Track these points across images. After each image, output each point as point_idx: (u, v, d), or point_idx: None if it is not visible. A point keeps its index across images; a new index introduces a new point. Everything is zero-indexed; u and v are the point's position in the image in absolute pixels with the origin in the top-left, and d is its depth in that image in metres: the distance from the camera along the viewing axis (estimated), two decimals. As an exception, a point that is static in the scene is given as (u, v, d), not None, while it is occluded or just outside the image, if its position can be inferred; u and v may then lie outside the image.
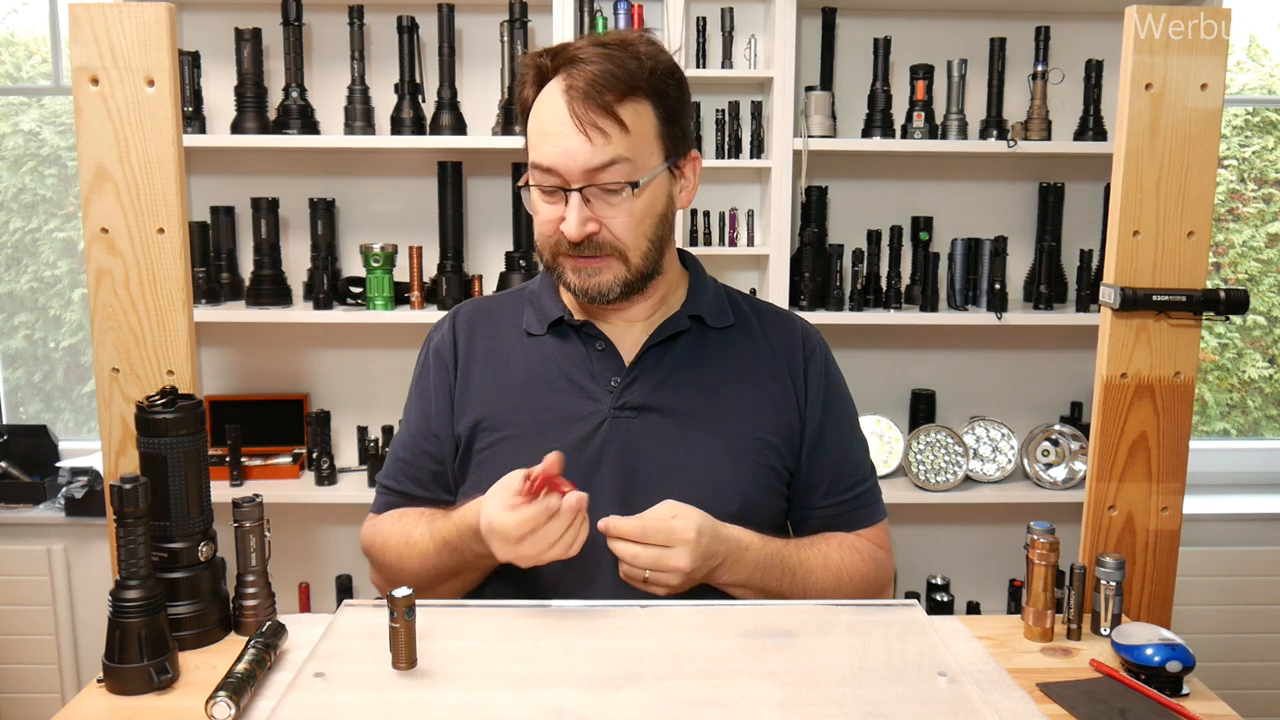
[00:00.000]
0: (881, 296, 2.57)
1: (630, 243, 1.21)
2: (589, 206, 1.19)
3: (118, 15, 1.34)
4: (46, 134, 2.84)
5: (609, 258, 1.22)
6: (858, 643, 1.11)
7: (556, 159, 1.18)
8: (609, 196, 1.19)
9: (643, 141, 1.20)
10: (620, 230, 1.21)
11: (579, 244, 1.20)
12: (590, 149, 1.17)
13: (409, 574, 1.26)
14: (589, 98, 1.16)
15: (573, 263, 1.23)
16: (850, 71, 2.62)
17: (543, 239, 1.25)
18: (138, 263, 1.38)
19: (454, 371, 1.34)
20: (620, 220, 1.20)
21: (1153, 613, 1.38)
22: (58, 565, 2.60)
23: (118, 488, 1.04)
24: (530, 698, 0.98)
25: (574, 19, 2.39)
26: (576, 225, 1.18)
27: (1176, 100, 1.29)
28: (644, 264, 1.24)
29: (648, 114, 1.21)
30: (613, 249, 1.21)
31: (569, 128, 1.17)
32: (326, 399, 2.72)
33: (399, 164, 2.63)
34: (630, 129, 1.18)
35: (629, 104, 1.18)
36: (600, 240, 1.20)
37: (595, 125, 1.16)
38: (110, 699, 1.04)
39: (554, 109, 1.18)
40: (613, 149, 1.17)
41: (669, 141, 1.23)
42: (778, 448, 1.30)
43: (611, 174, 1.18)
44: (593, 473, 1.24)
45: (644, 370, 1.29)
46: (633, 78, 1.18)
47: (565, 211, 1.19)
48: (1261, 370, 3.01)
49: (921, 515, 2.79)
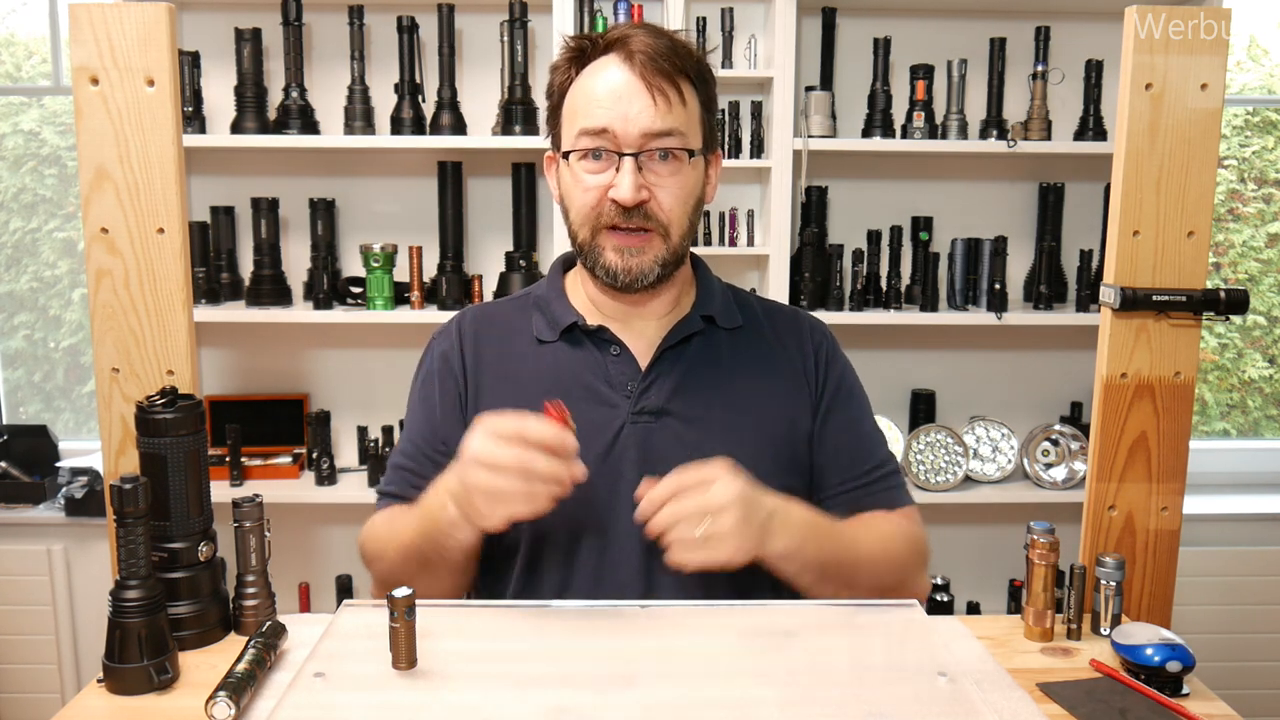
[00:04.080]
0: (881, 296, 2.57)
1: (676, 218, 1.20)
2: (640, 174, 1.18)
3: (118, 15, 1.34)
4: (46, 134, 2.84)
5: (652, 233, 1.20)
6: (858, 643, 1.11)
7: (613, 121, 1.16)
8: (662, 165, 1.18)
9: (693, 121, 1.21)
10: (669, 202, 1.19)
11: (628, 211, 1.18)
12: (654, 112, 1.16)
13: (390, 561, 1.22)
14: (655, 65, 1.16)
15: (615, 240, 1.20)
16: (850, 71, 2.62)
17: (583, 212, 1.21)
18: (138, 263, 1.38)
19: (463, 380, 1.31)
20: (671, 192, 1.19)
21: (1153, 613, 1.38)
22: (58, 565, 2.60)
23: (118, 488, 1.04)
24: (530, 698, 0.98)
25: (574, 19, 2.39)
26: (631, 189, 1.16)
27: (1176, 100, 1.29)
28: (680, 245, 1.23)
29: (695, 97, 1.22)
30: (657, 222, 1.20)
31: (633, 89, 1.16)
32: (326, 399, 2.72)
33: (399, 164, 2.63)
34: (686, 105, 1.19)
35: (685, 81, 1.20)
36: (649, 210, 1.19)
37: (662, 90, 1.16)
38: (110, 699, 1.04)
39: (610, 76, 1.18)
40: (673, 118, 1.17)
41: (707, 131, 1.24)
42: (794, 445, 1.30)
43: (668, 142, 1.18)
44: (616, 479, 1.22)
45: (660, 374, 1.28)
46: (686, 59, 1.19)
47: (616, 178, 1.17)
48: (1261, 370, 3.01)
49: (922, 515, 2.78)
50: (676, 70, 1.18)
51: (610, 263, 1.21)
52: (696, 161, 1.22)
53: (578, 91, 1.21)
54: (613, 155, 1.18)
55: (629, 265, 1.21)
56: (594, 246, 1.22)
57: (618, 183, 1.17)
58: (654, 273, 1.22)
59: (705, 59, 1.24)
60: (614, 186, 1.17)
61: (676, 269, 1.26)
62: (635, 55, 1.17)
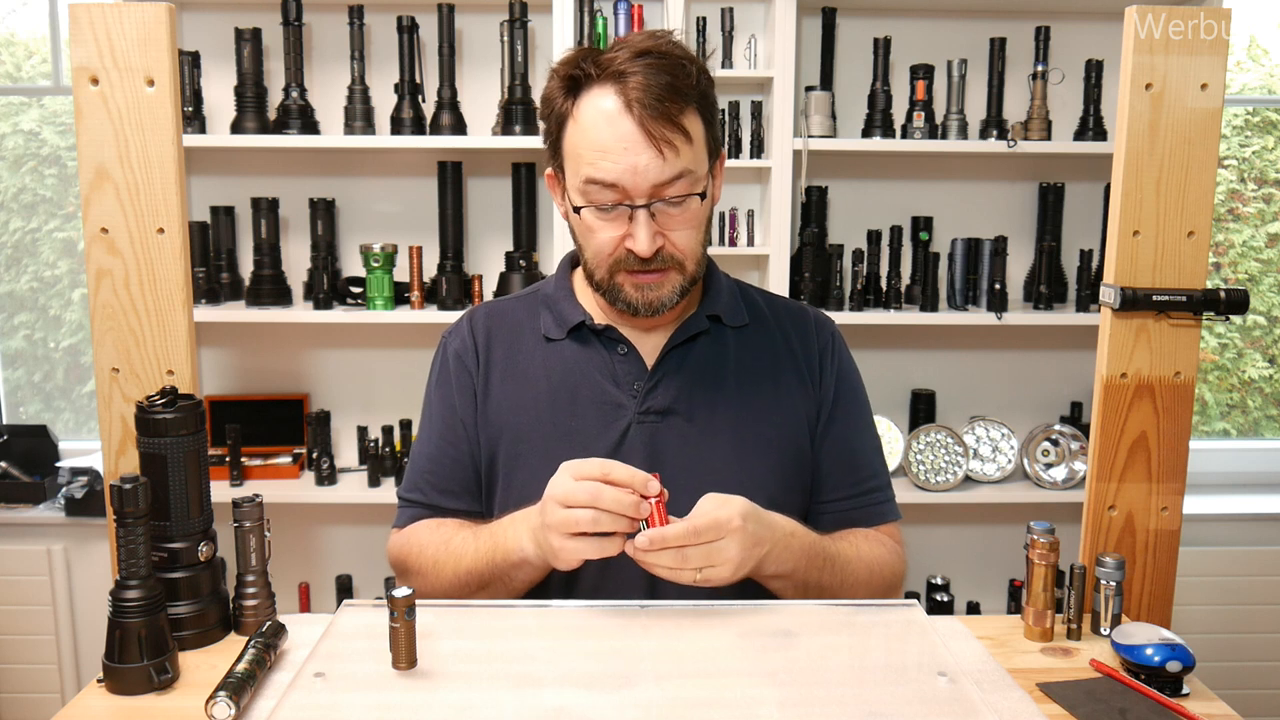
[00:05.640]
0: (881, 296, 2.57)
1: (690, 250, 1.21)
2: (654, 221, 1.18)
3: (118, 15, 1.34)
4: (46, 134, 2.84)
5: (669, 270, 1.21)
6: (858, 643, 1.11)
7: (622, 176, 1.15)
8: (674, 210, 1.18)
9: (699, 150, 1.19)
10: (682, 242, 1.20)
11: (646, 259, 1.19)
12: (661, 164, 1.14)
13: (444, 581, 1.23)
14: (657, 112, 1.13)
15: (634, 279, 1.21)
16: (850, 71, 2.62)
17: (600, 257, 1.21)
18: (138, 263, 1.38)
19: (477, 376, 1.32)
20: (684, 232, 1.20)
21: (1153, 613, 1.38)
22: (58, 565, 2.60)
23: (118, 488, 1.04)
24: (530, 698, 0.98)
25: (574, 19, 2.39)
26: (648, 243, 1.17)
27: (1176, 100, 1.29)
28: (697, 270, 1.24)
29: (699, 123, 1.19)
30: (674, 260, 1.21)
31: (638, 143, 1.14)
32: (326, 399, 2.72)
33: (399, 164, 2.63)
34: (692, 140, 1.17)
35: (688, 115, 1.17)
36: (665, 253, 1.20)
37: (666, 140, 1.14)
38: (110, 699, 1.04)
39: (613, 124, 1.15)
40: (681, 162, 1.16)
41: (711, 144, 1.23)
42: (799, 442, 1.30)
43: (678, 188, 1.17)
44: None
45: (666, 373, 1.28)
46: (686, 88, 1.16)
47: (632, 229, 1.17)
48: (1261, 370, 3.01)
49: (921, 515, 2.79)
50: (679, 109, 1.15)
51: (630, 298, 1.23)
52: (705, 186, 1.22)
53: (579, 133, 1.18)
54: (624, 207, 1.18)
55: (649, 299, 1.22)
56: (613, 284, 1.23)
57: (634, 234, 1.17)
58: (673, 300, 1.24)
59: (705, 70, 1.21)
60: (630, 237, 1.18)
61: (694, 286, 1.27)
62: (635, 103, 1.13)
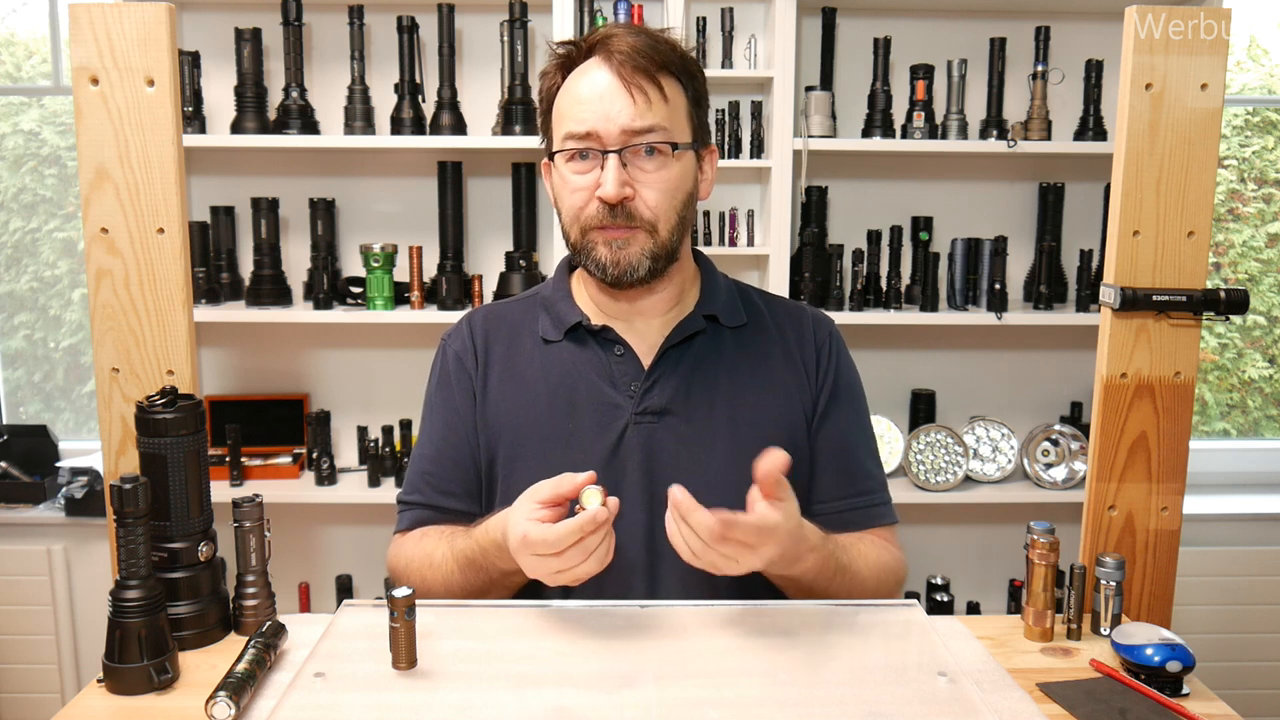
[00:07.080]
0: (881, 296, 2.57)
1: (662, 213, 1.22)
2: (625, 171, 1.20)
3: (118, 15, 1.34)
4: (46, 134, 2.84)
5: (638, 229, 1.21)
6: (858, 643, 1.11)
7: (596, 122, 1.18)
8: (646, 161, 1.20)
9: (678, 116, 1.22)
10: (654, 199, 1.21)
11: (613, 210, 1.20)
12: (633, 110, 1.18)
13: (434, 596, 1.24)
14: (634, 63, 1.19)
15: (604, 234, 1.22)
16: (850, 71, 2.62)
17: (573, 213, 1.23)
18: (138, 263, 1.38)
19: (477, 378, 1.33)
20: (656, 189, 1.21)
21: (1153, 613, 1.38)
22: (58, 565, 2.60)
23: (118, 488, 1.04)
24: (530, 698, 0.98)
25: (574, 19, 2.39)
26: (615, 185, 1.18)
27: (1176, 100, 1.29)
28: (669, 239, 1.24)
29: (680, 93, 1.24)
30: (642, 220, 1.21)
31: (612, 89, 1.19)
32: (326, 399, 2.72)
33: (399, 164, 2.63)
34: (669, 100, 1.21)
35: (667, 77, 1.21)
36: (633, 208, 1.20)
37: (640, 88, 1.19)
38: (110, 699, 1.04)
39: (592, 79, 1.21)
40: (654, 115, 1.19)
41: (696, 125, 1.26)
42: (796, 443, 1.29)
43: (650, 138, 1.19)
44: (620, 479, 1.23)
45: (663, 374, 1.28)
46: (668, 56, 1.22)
47: (601, 176, 1.19)
48: (1261, 370, 3.01)
49: (921, 515, 2.79)
50: (657, 67, 1.20)
51: (601, 256, 1.23)
52: (684, 156, 1.23)
53: (564, 96, 1.24)
54: (598, 155, 1.20)
55: (617, 258, 1.22)
56: (585, 244, 1.24)
57: (602, 180, 1.19)
58: (643, 266, 1.23)
59: (691, 55, 1.26)
60: (600, 185, 1.20)
61: (669, 264, 1.26)
62: (614, 55, 1.19)
